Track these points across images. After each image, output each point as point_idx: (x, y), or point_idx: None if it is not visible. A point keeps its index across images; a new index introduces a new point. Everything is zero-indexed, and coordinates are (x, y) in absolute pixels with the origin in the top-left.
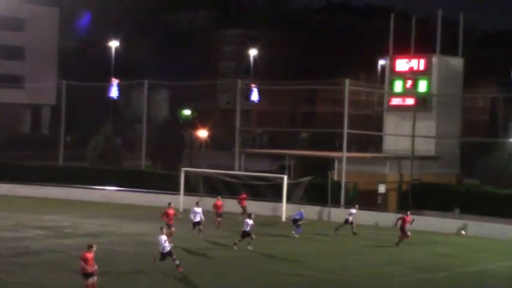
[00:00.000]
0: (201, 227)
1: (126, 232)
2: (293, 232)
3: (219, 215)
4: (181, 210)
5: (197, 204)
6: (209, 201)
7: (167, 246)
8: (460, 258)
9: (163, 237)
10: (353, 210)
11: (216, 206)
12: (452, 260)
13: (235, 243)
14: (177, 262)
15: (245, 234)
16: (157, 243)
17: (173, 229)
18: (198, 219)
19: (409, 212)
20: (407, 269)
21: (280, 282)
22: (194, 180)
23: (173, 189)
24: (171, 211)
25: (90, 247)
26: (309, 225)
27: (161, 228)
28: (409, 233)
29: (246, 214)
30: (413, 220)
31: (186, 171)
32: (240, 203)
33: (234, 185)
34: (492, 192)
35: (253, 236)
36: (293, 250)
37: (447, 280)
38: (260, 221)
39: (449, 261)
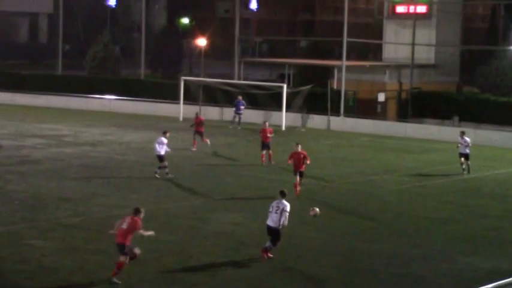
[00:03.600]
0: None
1: (126, 141)
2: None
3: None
4: (181, 120)
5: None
6: (210, 110)
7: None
8: (458, 165)
9: None
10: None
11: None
12: (450, 167)
13: None
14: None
15: None
16: None
17: None
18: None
19: None
20: (406, 176)
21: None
22: (193, 89)
23: (173, 98)
24: None
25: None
26: (308, 134)
27: None
28: None
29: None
30: None
31: (185, 80)
32: (196, 127)
33: (233, 94)
34: (491, 100)
35: None
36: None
37: (445, 186)
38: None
39: (447, 168)
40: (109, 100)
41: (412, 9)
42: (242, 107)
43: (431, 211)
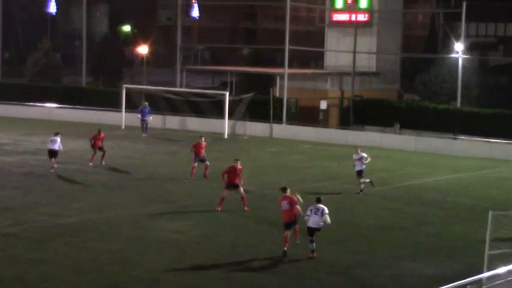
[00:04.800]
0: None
1: (67, 149)
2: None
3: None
4: (123, 128)
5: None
6: (152, 118)
7: None
8: (399, 172)
9: None
10: None
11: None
12: (391, 174)
13: None
14: None
15: None
16: None
17: None
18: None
19: None
20: (346, 183)
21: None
22: (136, 97)
23: (114, 106)
24: None
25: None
26: (250, 142)
27: None
28: None
29: (104, 158)
30: None
31: (127, 88)
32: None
33: (175, 102)
34: (431, 107)
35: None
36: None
37: (386, 193)
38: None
39: (388, 175)
40: (50, 108)
41: (353, 17)
42: (148, 115)
43: (373, 218)
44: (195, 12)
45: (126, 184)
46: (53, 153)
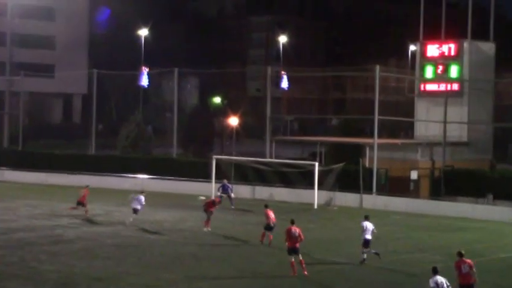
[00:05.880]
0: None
1: (159, 220)
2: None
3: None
4: (213, 198)
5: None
6: (241, 189)
7: None
8: (493, 244)
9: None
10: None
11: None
12: (486, 246)
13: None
14: None
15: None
16: None
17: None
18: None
19: None
20: (438, 255)
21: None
22: (225, 168)
23: (204, 177)
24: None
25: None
26: (340, 212)
27: None
28: None
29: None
30: None
31: (217, 159)
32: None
33: (265, 173)
34: None
35: None
36: (324, 237)
37: (481, 266)
38: (291, 208)
39: (482, 247)
40: (141, 179)
41: (443, 87)
42: (230, 191)
43: None
44: (284, 83)
45: (216, 255)
46: (136, 211)
